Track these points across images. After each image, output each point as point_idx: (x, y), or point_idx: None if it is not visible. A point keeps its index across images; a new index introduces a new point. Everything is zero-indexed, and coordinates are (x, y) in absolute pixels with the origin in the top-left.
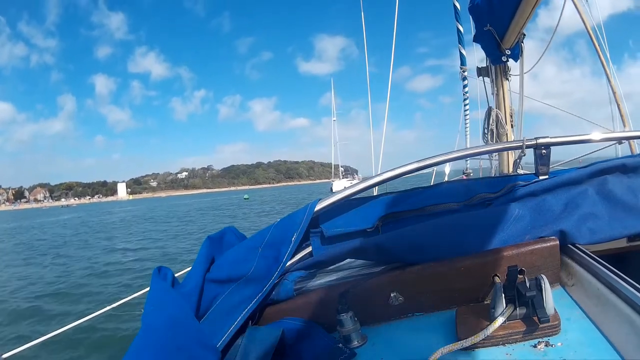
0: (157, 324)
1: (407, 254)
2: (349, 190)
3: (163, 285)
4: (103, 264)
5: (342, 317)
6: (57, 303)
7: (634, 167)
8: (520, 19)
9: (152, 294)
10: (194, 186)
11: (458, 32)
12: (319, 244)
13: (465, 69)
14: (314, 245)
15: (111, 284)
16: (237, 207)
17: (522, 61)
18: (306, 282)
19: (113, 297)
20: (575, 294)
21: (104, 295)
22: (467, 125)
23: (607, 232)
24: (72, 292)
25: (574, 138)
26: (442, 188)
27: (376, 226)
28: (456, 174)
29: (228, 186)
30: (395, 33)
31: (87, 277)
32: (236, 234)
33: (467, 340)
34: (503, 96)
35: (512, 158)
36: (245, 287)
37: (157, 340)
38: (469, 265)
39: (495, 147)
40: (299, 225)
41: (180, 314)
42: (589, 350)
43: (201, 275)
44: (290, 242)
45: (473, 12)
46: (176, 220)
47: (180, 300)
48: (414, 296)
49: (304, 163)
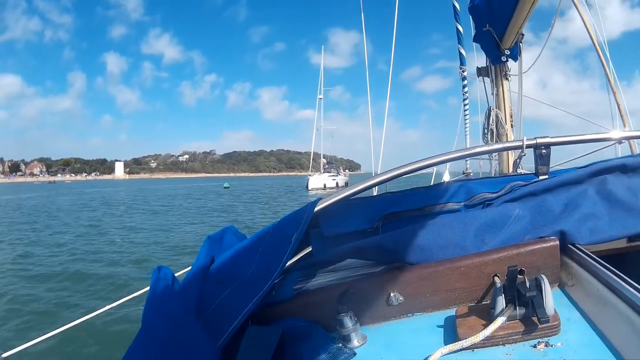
0: (156, 324)
1: (407, 254)
2: (349, 190)
3: (163, 285)
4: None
5: (342, 317)
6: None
7: (634, 167)
8: (518, 19)
9: (151, 294)
10: (193, 170)
11: (457, 32)
12: (319, 244)
13: (464, 69)
14: (314, 245)
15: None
16: (205, 198)
17: (521, 61)
18: (306, 282)
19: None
20: (575, 294)
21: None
22: (467, 125)
23: (607, 233)
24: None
25: (573, 138)
26: (442, 188)
27: (376, 226)
28: (456, 174)
29: (227, 172)
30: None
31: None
32: (236, 234)
33: (467, 340)
34: (503, 96)
35: (512, 158)
36: (245, 287)
37: (157, 339)
38: (469, 265)
39: (495, 147)
40: (299, 225)
41: (179, 314)
42: (588, 350)
43: (201, 275)
44: (290, 242)
45: (473, 12)
46: (126, 208)
47: (179, 300)
48: (414, 296)
49: (307, 154)
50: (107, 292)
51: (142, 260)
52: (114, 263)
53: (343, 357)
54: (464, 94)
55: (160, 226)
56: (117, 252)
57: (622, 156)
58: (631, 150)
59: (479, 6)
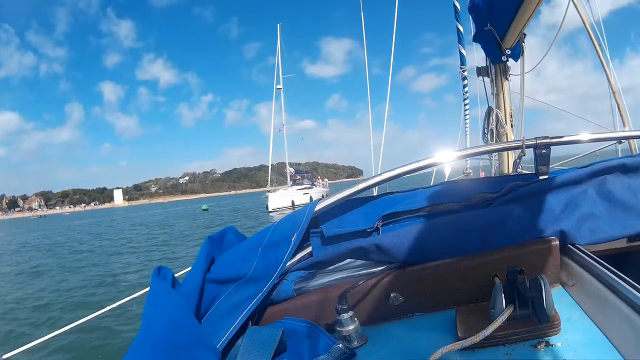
0: (157, 324)
1: (407, 254)
2: (349, 190)
3: (163, 285)
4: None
5: (342, 317)
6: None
7: (634, 167)
8: (521, 19)
9: (152, 294)
10: (193, 191)
11: (458, 32)
12: (319, 244)
13: (465, 69)
14: (314, 245)
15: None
16: (169, 225)
17: (522, 61)
18: (306, 282)
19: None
20: (576, 294)
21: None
22: (467, 125)
23: (607, 232)
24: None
25: (573, 138)
26: (442, 188)
27: (376, 226)
28: (456, 174)
29: (228, 190)
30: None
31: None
32: (236, 234)
33: (467, 340)
34: (503, 96)
35: (512, 158)
36: (245, 287)
37: (157, 340)
38: (469, 265)
39: (495, 147)
40: (299, 225)
41: (180, 314)
42: (589, 350)
43: (201, 275)
44: (290, 242)
45: (473, 11)
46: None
47: (180, 300)
48: (414, 296)
49: (307, 164)
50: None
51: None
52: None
53: (343, 357)
54: (464, 93)
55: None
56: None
57: (622, 156)
58: (631, 150)
59: (479, 6)
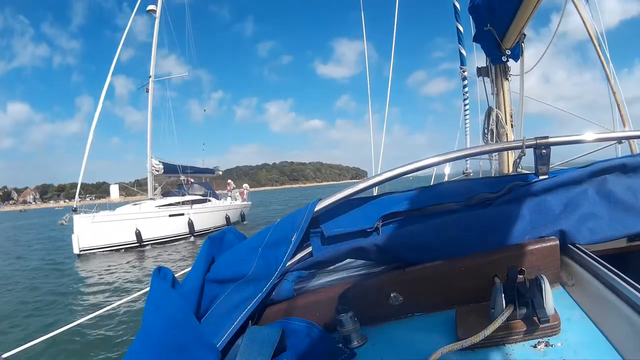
0: (157, 324)
1: (407, 254)
2: (349, 190)
3: (163, 285)
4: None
5: (342, 317)
6: None
7: (634, 167)
8: (521, 19)
9: (152, 294)
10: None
11: (458, 32)
12: (319, 244)
13: (465, 69)
14: (314, 245)
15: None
16: None
17: (522, 61)
18: (306, 282)
19: None
20: (576, 294)
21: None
22: (467, 125)
23: (607, 232)
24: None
25: (573, 138)
26: (442, 188)
27: (376, 226)
28: (456, 174)
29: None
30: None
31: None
32: (236, 234)
33: (467, 340)
34: (503, 96)
35: (512, 158)
36: (245, 287)
37: (157, 340)
38: (469, 265)
39: (495, 147)
40: (299, 225)
41: (180, 314)
42: (589, 350)
43: (201, 275)
44: (290, 242)
45: (473, 12)
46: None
47: (180, 300)
48: (414, 296)
49: (311, 164)
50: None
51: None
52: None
53: (343, 357)
54: (464, 94)
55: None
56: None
57: (622, 156)
58: (631, 150)
59: (479, 6)
